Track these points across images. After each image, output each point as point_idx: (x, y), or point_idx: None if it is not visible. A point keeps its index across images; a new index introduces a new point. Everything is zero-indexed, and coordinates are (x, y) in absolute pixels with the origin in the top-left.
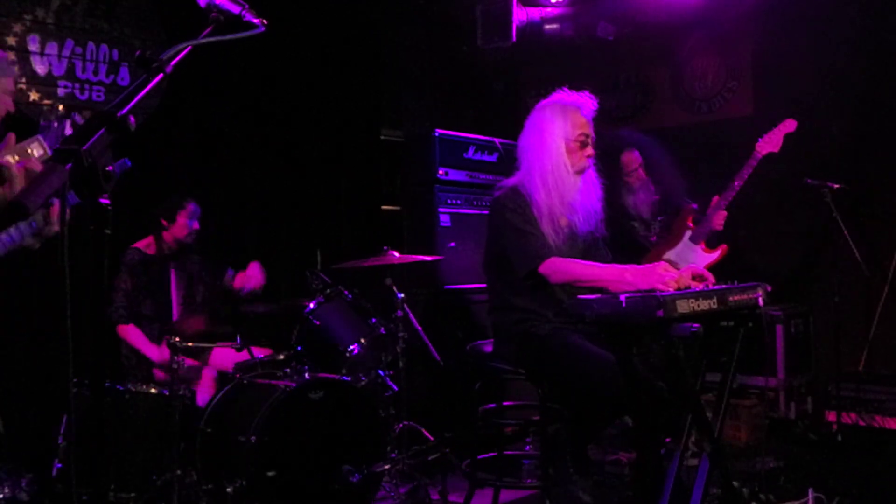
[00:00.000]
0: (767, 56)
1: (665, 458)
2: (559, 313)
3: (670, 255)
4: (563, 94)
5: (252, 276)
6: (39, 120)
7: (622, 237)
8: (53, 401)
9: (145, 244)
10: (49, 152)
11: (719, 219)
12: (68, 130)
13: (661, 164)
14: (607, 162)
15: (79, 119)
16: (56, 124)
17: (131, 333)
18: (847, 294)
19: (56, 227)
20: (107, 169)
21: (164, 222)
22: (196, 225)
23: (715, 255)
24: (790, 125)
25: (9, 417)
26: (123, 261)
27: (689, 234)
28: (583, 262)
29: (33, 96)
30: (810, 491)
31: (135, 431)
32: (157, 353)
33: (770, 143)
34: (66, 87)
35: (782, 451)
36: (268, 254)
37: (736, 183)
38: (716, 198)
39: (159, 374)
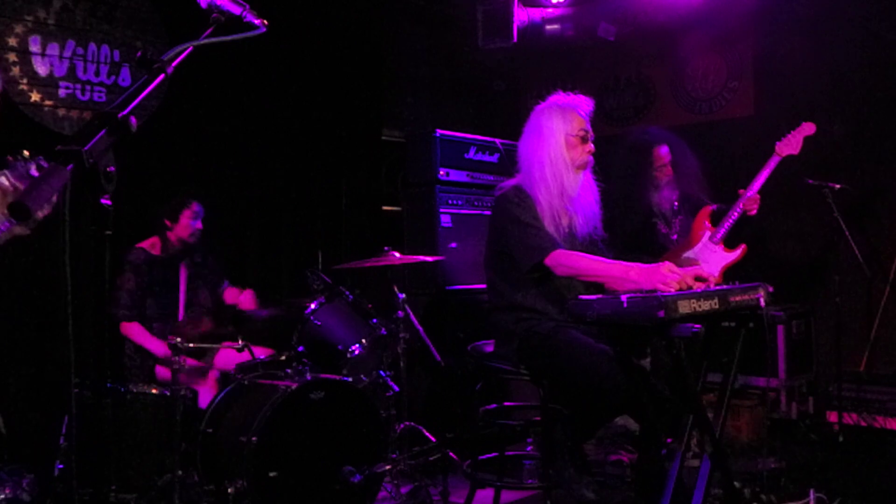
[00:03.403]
0: (768, 56)
1: (666, 458)
2: (562, 311)
3: (690, 254)
4: (560, 96)
5: (243, 301)
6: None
7: (644, 234)
8: (55, 401)
9: (149, 244)
10: (13, 185)
11: (753, 203)
12: (33, 172)
13: (687, 163)
14: (634, 158)
15: (44, 164)
16: (22, 164)
17: (134, 331)
18: (848, 294)
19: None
20: (108, 169)
21: (168, 223)
22: (199, 225)
23: (735, 255)
24: (809, 128)
25: (11, 418)
26: (127, 260)
27: (708, 233)
28: (589, 256)
29: (34, 97)
30: (812, 491)
31: (136, 432)
32: (160, 347)
33: (790, 146)
34: (67, 88)
35: (784, 451)
36: (269, 254)
37: (756, 184)
38: (741, 191)
39: (162, 372)
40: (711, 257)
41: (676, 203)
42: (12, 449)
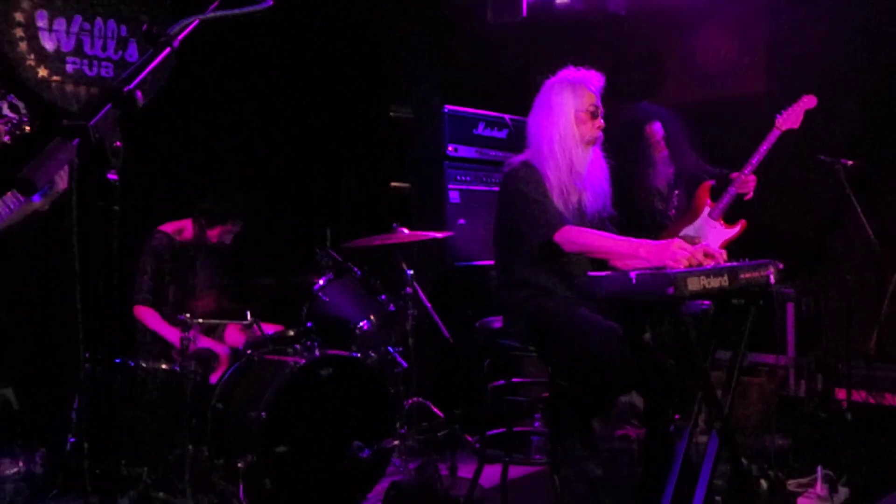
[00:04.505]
0: (781, 31)
1: (674, 435)
2: (570, 288)
3: (689, 230)
4: (570, 71)
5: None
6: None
7: (643, 213)
8: (68, 377)
9: (175, 229)
10: None
11: (746, 185)
12: (6, 111)
13: (680, 137)
14: (628, 136)
15: (16, 101)
16: None
17: (149, 316)
18: (859, 272)
19: (62, 185)
20: (114, 145)
21: (204, 221)
22: (229, 240)
23: (734, 231)
24: (810, 101)
25: (24, 393)
26: (150, 244)
27: (707, 209)
28: (598, 232)
29: (42, 73)
30: (819, 468)
31: (147, 407)
32: (175, 335)
33: (790, 120)
34: (74, 63)
35: (791, 428)
36: (278, 231)
37: (755, 159)
38: (734, 174)
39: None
40: (711, 233)
41: (673, 179)
42: (25, 424)
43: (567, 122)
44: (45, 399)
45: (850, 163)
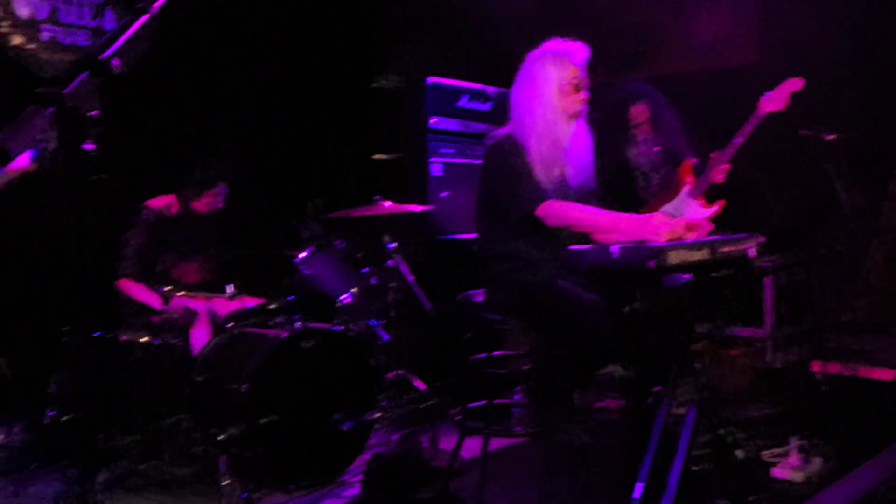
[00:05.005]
0: (775, 1)
1: (653, 406)
2: (552, 261)
3: (667, 207)
4: (554, 43)
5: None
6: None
7: (623, 189)
8: (50, 349)
9: (163, 204)
10: None
11: (720, 172)
12: None
13: (666, 116)
14: (612, 113)
15: None
16: None
17: (132, 288)
18: (837, 245)
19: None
20: (91, 113)
21: (189, 194)
22: (220, 203)
23: (713, 210)
24: (795, 83)
25: (8, 364)
26: (139, 219)
27: (687, 188)
28: (580, 206)
29: (16, 40)
30: (794, 439)
31: (128, 379)
32: (158, 301)
33: (773, 102)
34: (49, 30)
35: (768, 399)
36: (258, 204)
37: (736, 140)
38: (715, 154)
39: (158, 319)
40: (689, 211)
41: (659, 159)
42: (4, 395)
43: (550, 94)
44: (25, 371)
45: (831, 137)
